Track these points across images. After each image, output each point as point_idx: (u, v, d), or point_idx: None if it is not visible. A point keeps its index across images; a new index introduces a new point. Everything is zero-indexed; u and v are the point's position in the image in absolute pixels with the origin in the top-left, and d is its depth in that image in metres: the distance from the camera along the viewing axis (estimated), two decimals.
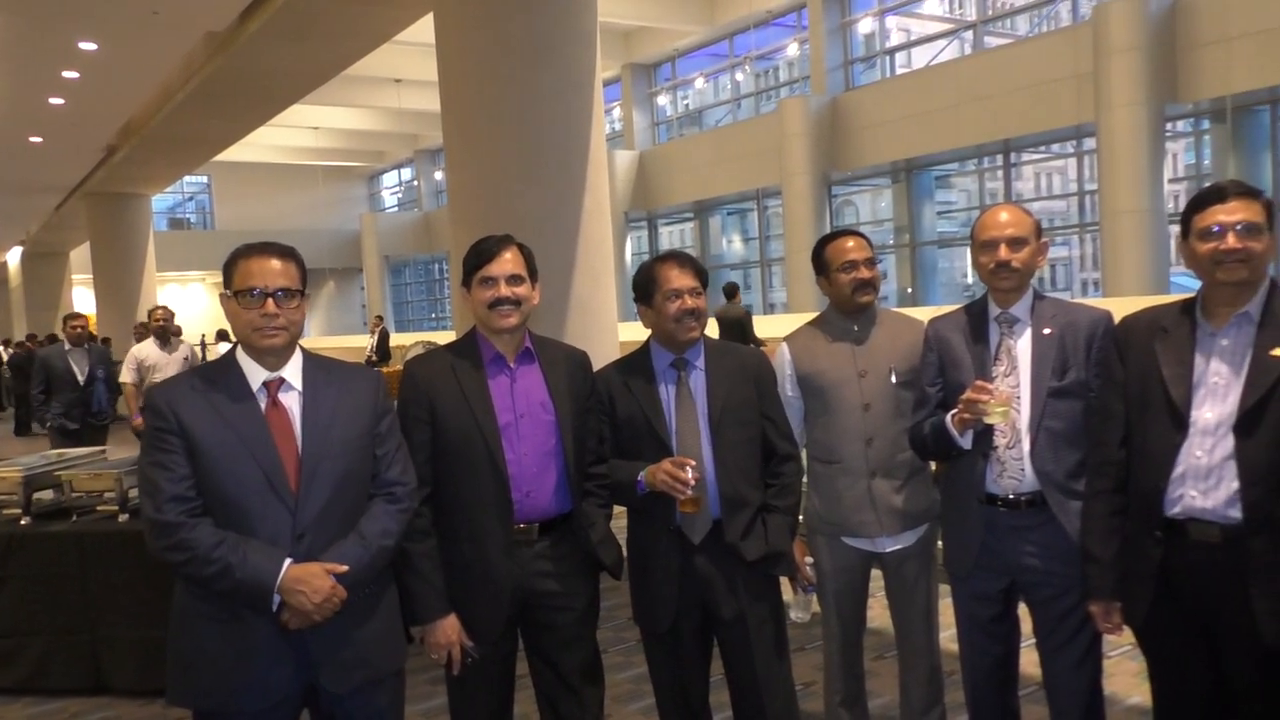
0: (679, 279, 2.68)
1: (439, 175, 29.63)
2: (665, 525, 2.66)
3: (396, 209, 35.32)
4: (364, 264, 32.17)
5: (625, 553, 2.79)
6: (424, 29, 8.05)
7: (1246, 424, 2.15)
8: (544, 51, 6.52)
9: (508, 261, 2.55)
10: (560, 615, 2.59)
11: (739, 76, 21.41)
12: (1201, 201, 2.26)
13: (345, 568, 2.16)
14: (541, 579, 2.56)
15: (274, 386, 2.23)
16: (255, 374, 2.23)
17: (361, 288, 34.73)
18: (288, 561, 2.13)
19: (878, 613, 3.58)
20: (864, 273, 2.94)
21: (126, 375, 8.05)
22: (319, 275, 32.60)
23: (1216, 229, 2.21)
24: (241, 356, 2.25)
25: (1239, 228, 2.18)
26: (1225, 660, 2.24)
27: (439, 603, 2.45)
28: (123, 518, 4.19)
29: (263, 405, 2.21)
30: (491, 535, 2.49)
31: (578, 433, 2.61)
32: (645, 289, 2.75)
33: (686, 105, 23.48)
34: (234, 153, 18.68)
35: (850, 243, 2.99)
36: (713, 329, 10.98)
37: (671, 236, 25.41)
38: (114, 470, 4.26)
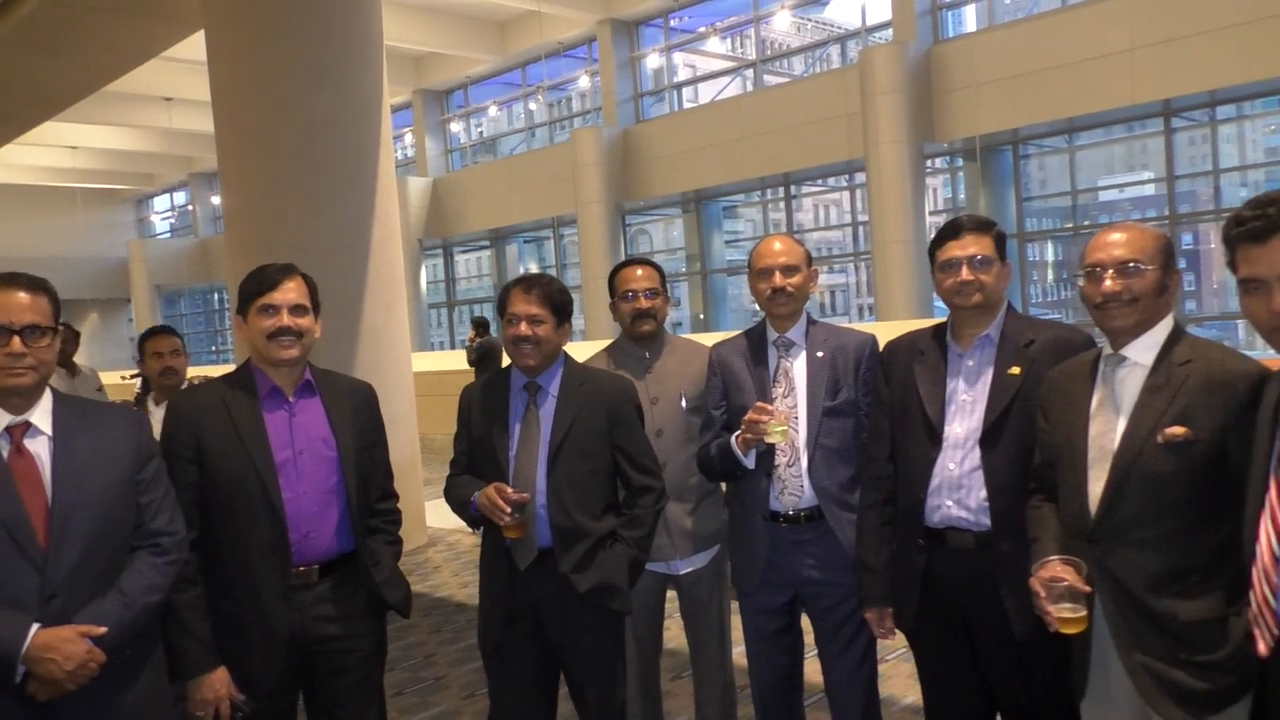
0: (520, 304, 2.65)
1: (216, 200, 28.00)
2: (501, 546, 2.64)
3: (169, 235, 33.04)
4: (133, 294, 29.82)
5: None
6: (196, 45, 7.62)
7: (990, 437, 2.35)
8: (326, 74, 6.33)
9: (290, 290, 2.44)
10: (343, 660, 2.48)
11: (532, 106, 21.53)
12: (941, 237, 2.48)
13: (104, 630, 1.98)
14: (322, 623, 2.44)
15: (18, 432, 2.01)
16: None
17: (130, 319, 32.16)
18: (35, 627, 1.91)
19: (674, 633, 3.65)
20: (642, 303, 3.00)
21: None
22: (80, 306, 29.95)
23: (952, 263, 2.42)
24: None
25: (972, 261, 2.40)
26: (984, 656, 2.43)
27: (206, 656, 2.29)
28: None
29: (5, 453, 1.99)
30: (267, 580, 2.36)
31: (362, 469, 2.52)
32: (500, 311, 2.74)
33: (480, 133, 23.36)
34: None
35: (638, 271, 3.04)
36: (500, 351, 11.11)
37: (468, 264, 25.13)
38: None
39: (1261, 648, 1.73)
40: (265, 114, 6.28)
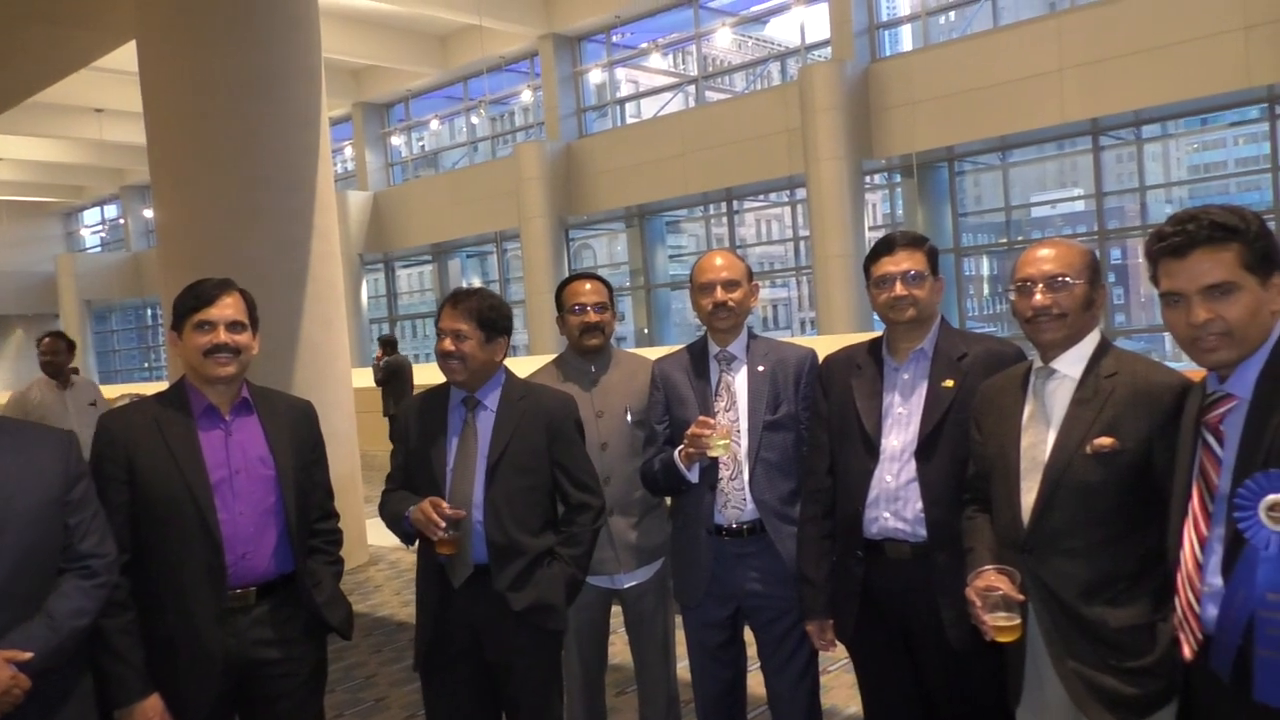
0: (446, 320, 2.64)
1: (149, 213, 27.35)
2: (435, 563, 2.61)
3: (100, 249, 32.17)
4: (61, 309, 28.96)
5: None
6: (128, 55, 7.46)
7: (925, 450, 2.40)
8: (262, 85, 6.24)
9: (228, 306, 2.40)
10: (282, 684, 2.42)
11: (474, 120, 21.45)
12: (875, 254, 2.52)
13: (29, 655, 1.92)
14: (260, 647, 2.38)
15: None
16: None
17: None
18: None
19: (619, 649, 3.64)
20: (590, 316, 3.01)
21: None
22: (5, 323, 29.05)
23: (886, 278, 2.47)
24: None
25: (905, 276, 2.45)
26: (922, 665, 2.46)
27: (138, 683, 2.22)
28: None
29: None
30: (201, 603, 2.30)
31: (301, 488, 2.47)
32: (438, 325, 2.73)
33: (422, 146, 23.18)
34: None
35: (587, 286, 3.05)
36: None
37: (410, 279, 24.89)
38: None
39: (1186, 652, 1.78)
40: (199, 125, 6.17)
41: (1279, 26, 10.86)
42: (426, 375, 12.32)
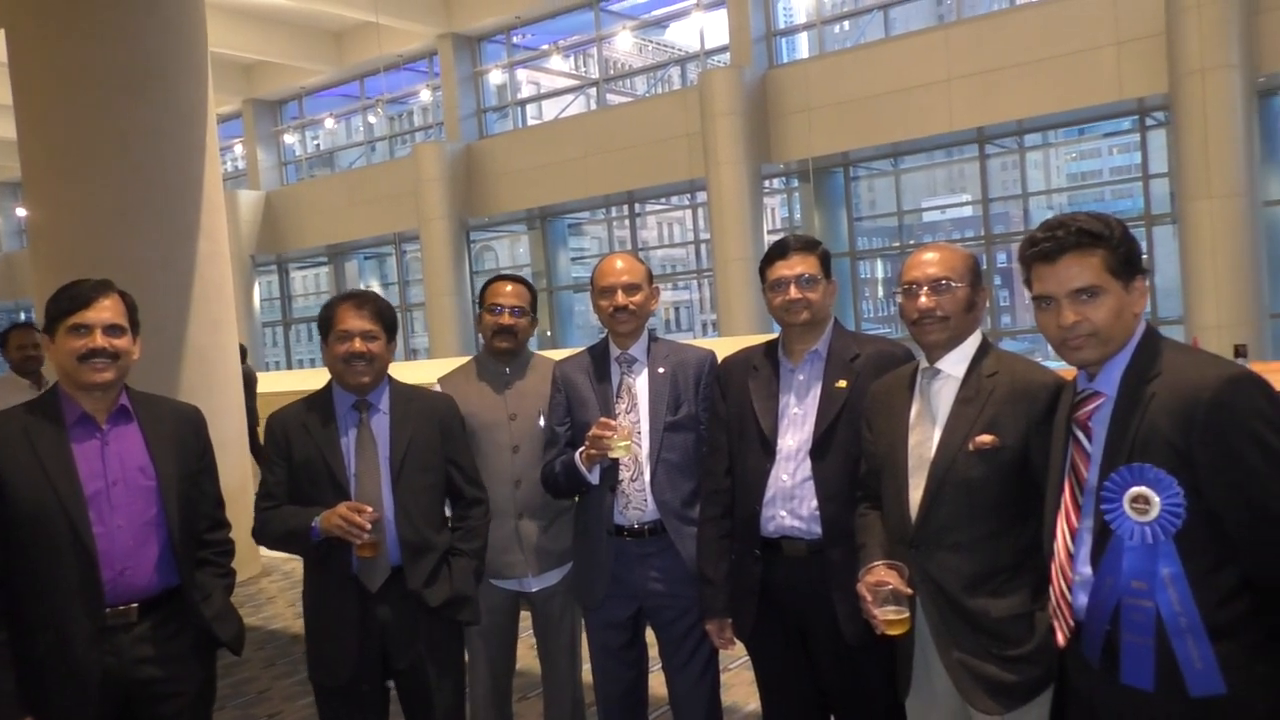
0: (352, 320, 2.58)
1: (22, 212, 25.95)
2: (343, 573, 2.55)
3: None
4: None
5: (303, 605, 2.64)
6: None
7: (820, 449, 2.46)
8: (143, 79, 6.00)
9: (106, 309, 2.29)
10: (167, 705, 2.32)
11: (372, 119, 21.02)
12: (769, 257, 2.58)
13: None
14: (142, 666, 2.28)
15: None
16: None
17: None
18: None
19: (521, 653, 3.62)
20: (505, 319, 3.00)
21: None
22: None
23: (781, 282, 2.52)
24: None
25: (799, 280, 2.50)
26: (818, 660, 2.52)
27: (9, 706, 2.11)
28: None
29: None
30: (76, 622, 2.19)
31: (186, 498, 2.38)
32: (323, 328, 2.66)
33: (317, 145, 22.60)
34: None
35: (508, 288, 3.03)
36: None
37: (305, 281, 24.23)
38: None
39: (1060, 639, 1.87)
40: (75, 121, 5.88)
41: (1148, 42, 11.46)
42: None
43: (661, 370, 2.82)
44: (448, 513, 2.82)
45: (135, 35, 5.99)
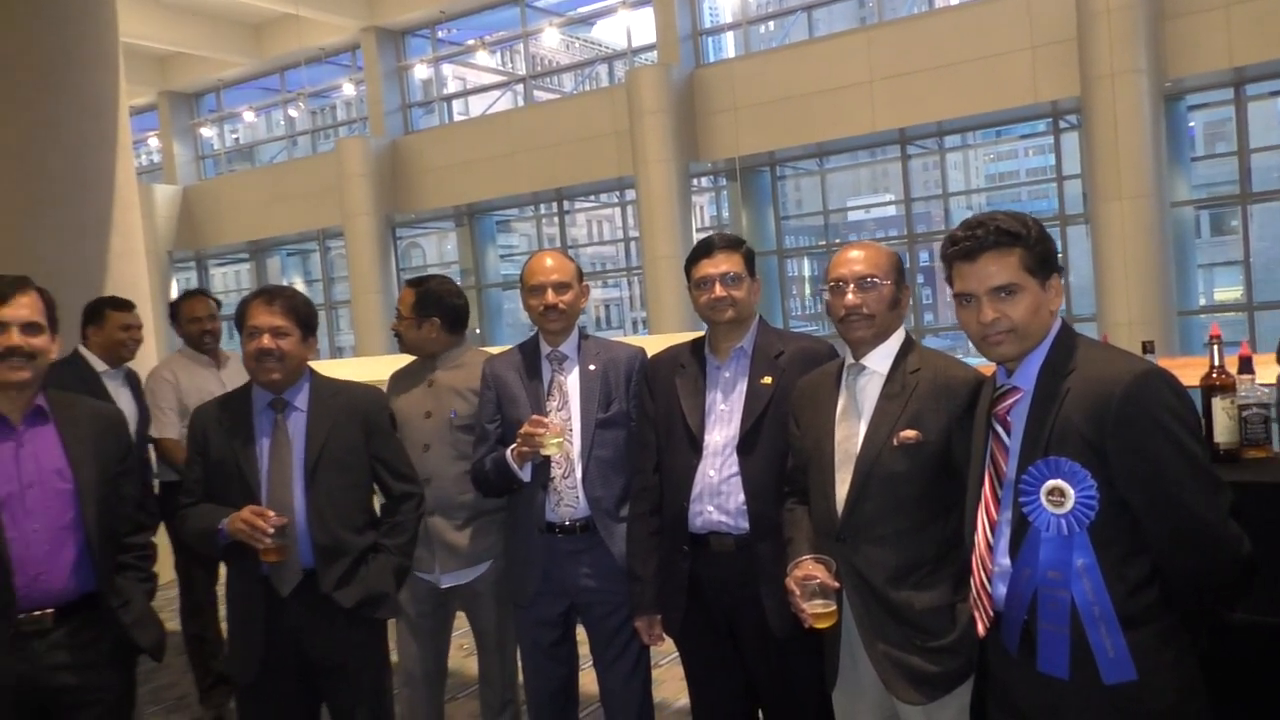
0: (262, 316, 2.53)
1: None
2: (253, 574, 2.50)
3: None
4: None
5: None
6: None
7: (746, 444, 2.48)
8: (49, 71, 5.79)
9: (23, 306, 2.21)
10: (83, 713, 2.26)
11: (293, 113, 20.56)
12: (694, 256, 2.60)
13: None
14: (57, 673, 2.21)
15: None
16: None
17: None
18: None
19: (454, 653, 3.60)
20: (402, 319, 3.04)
21: (167, 423, 4.15)
22: None
23: (706, 280, 2.55)
24: None
25: (724, 278, 2.53)
26: (746, 655, 2.55)
27: None
28: None
29: None
30: None
31: (105, 501, 2.31)
32: (237, 325, 2.61)
33: (236, 139, 22.02)
34: None
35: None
36: None
37: (225, 278, 23.59)
38: None
39: (980, 629, 1.93)
40: None
41: (1061, 47, 11.82)
42: None
43: (593, 368, 2.82)
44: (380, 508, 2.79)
45: (40, 23, 5.78)
